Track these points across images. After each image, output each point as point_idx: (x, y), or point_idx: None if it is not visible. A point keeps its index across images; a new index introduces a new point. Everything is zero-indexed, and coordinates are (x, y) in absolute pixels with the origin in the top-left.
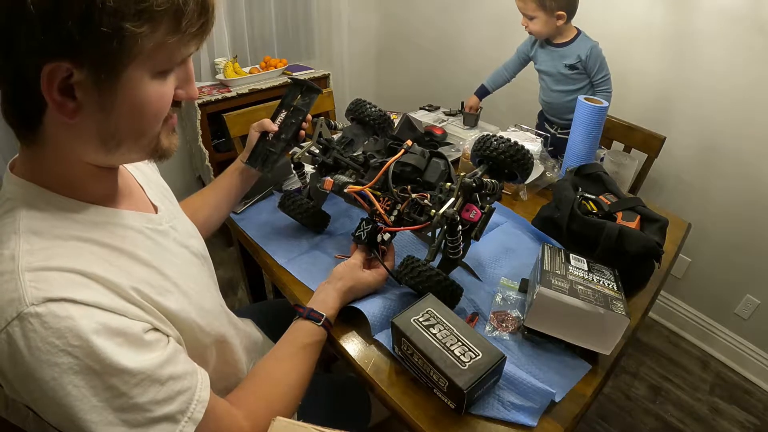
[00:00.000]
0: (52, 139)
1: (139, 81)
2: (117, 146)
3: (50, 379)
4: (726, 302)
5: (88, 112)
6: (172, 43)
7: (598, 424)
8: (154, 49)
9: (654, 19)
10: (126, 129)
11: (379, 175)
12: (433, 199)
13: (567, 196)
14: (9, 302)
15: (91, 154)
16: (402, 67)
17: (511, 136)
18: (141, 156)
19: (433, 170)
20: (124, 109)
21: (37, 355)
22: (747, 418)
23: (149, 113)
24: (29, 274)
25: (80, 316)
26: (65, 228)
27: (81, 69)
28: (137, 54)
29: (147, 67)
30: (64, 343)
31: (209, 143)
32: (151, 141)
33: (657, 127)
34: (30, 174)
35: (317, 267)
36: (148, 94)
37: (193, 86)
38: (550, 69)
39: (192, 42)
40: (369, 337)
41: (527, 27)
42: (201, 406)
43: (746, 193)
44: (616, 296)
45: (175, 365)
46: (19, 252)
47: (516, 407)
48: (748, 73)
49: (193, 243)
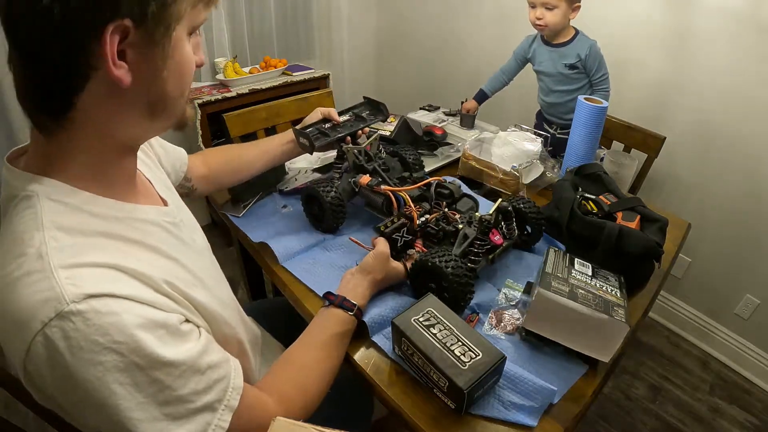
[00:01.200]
0: (85, 121)
1: (182, 40)
2: (163, 109)
3: (94, 380)
4: (726, 302)
5: (140, 75)
6: (203, 4)
7: (598, 424)
8: (191, 9)
9: (654, 18)
10: (172, 89)
11: (421, 184)
12: (463, 217)
13: (567, 196)
14: (44, 302)
15: (131, 127)
16: (402, 67)
17: (511, 136)
18: (172, 123)
19: (464, 203)
20: (173, 68)
21: (79, 355)
22: (747, 418)
23: (189, 72)
24: (63, 271)
25: (123, 311)
26: (88, 224)
27: (139, 28)
28: (182, 13)
29: (185, 27)
30: (108, 340)
31: (209, 143)
32: (183, 105)
33: (657, 126)
34: (46, 168)
35: (318, 267)
36: (189, 53)
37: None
38: (550, 69)
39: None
40: (369, 337)
41: (542, 19)
42: (236, 393)
43: (746, 193)
44: (617, 303)
45: (211, 354)
46: (47, 249)
47: (516, 407)
48: (748, 73)
49: (197, 236)
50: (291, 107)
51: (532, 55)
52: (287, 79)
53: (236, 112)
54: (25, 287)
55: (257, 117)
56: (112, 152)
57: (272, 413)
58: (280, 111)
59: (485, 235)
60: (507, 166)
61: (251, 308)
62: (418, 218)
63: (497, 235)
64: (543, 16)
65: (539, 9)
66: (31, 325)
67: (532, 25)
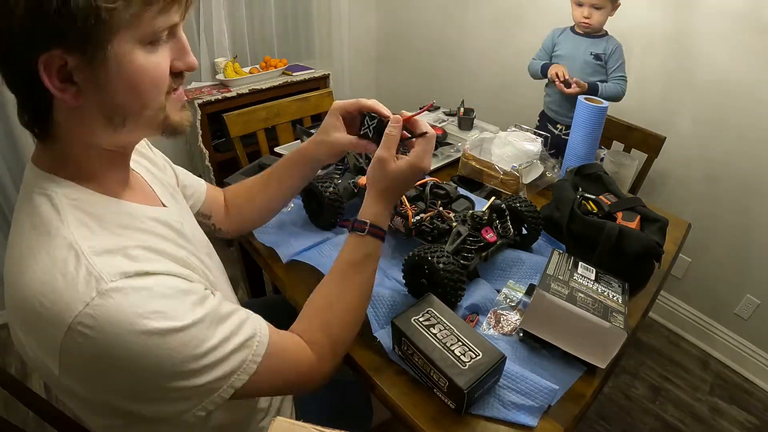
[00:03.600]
0: (64, 130)
1: (128, 53)
2: (122, 122)
3: (138, 347)
4: (726, 302)
5: (89, 93)
6: (150, 12)
7: (598, 424)
8: (132, 20)
9: (654, 19)
10: (127, 102)
11: (418, 184)
12: (457, 216)
13: (567, 196)
14: (86, 284)
15: (101, 136)
16: (402, 67)
17: (511, 136)
18: (150, 131)
19: (460, 203)
20: (120, 82)
21: (123, 327)
22: (747, 418)
23: (145, 83)
24: (96, 257)
25: (155, 285)
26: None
27: (71, 54)
28: (118, 28)
29: (132, 39)
30: (146, 310)
31: (209, 143)
32: (156, 114)
33: (657, 127)
34: (53, 169)
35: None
36: (139, 65)
37: (189, 56)
38: (573, 53)
39: (171, 10)
40: (369, 336)
41: (589, 18)
42: (265, 330)
43: (746, 193)
44: (617, 309)
45: (228, 305)
46: (75, 238)
47: (516, 407)
48: (748, 73)
49: (200, 240)
50: (291, 107)
51: (557, 43)
52: (287, 79)
53: (236, 112)
54: (61, 276)
55: (257, 117)
56: (99, 158)
57: (308, 353)
58: (280, 111)
59: (477, 231)
60: (507, 166)
61: (252, 304)
62: (412, 217)
63: (490, 233)
64: (591, 15)
65: (587, 8)
66: (72, 307)
67: (576, 23)
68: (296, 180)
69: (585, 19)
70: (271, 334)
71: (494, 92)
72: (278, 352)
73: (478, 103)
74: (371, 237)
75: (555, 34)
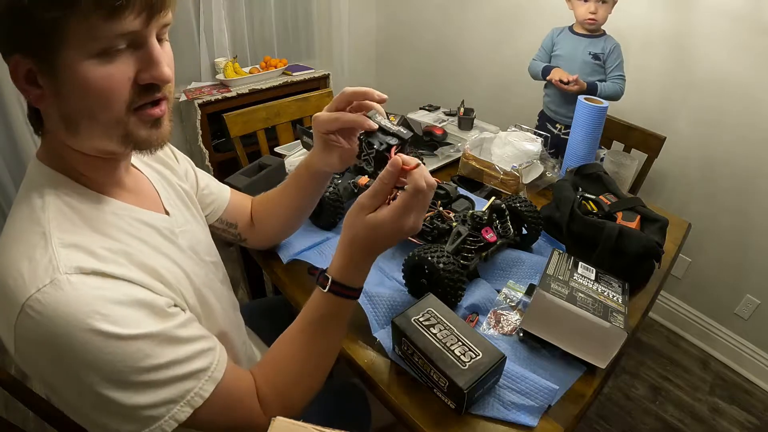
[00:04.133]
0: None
1: (77, 63)
2: (75, 129)
3: (77, 345)
4: (726, 302)
5: (49, 97)
6: (100, 22)
7: (598, 424)
8: (80, 30)
9: (654, 19)
10: (76, 111)
11: None
12: (457, 216)
13: (567, 196)
14: (44, 271)
15: (65, 138)
16: (402, 67)
17: (511, 136)
18: (108, 142)
19: (460, 203)
20: (71, 91)
21: (66, 320)
22: (747, 418)
23: (93, 94)
24: (63, 249)
25: (111, 287)
26: (90, 214)
27: (29, 60)
28: (68, 38)
29: (81, 48)
30: (92, 310)
31: (209, 143)
32: (112, 126)
33: (657, 127)
34: (50, 161)
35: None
36: (88, 75)
37: (158, 68)
38: (572, 53)
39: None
40: (369, 336)
41: (596, 13)
42: (221, 366)
43: (746, 193)
44: (617, 309)
45: (193, 329)
46: (50, 229)
47: (516, 406)
48: (748, 74)
49: (201, 249)
50: (291, 107)
51: (556, 42)
52: (287, 79)
53: (236, 112)
54: (27, 260)
55: (257, 117)
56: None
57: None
58: (280, 111)
59: (477, 231)
60: (507, 166)
61: (252, 306)
62: None
63: (490, 233)
64: (597, 11)
65: (593, 3)
66: (26, 290)
67: (580, 20)
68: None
69: (591, 14)
70: (226, 374)
71: (494, 92)
72: (230, 393)
73: (478, 103)
74: (333, 295)
75: (554, 33)
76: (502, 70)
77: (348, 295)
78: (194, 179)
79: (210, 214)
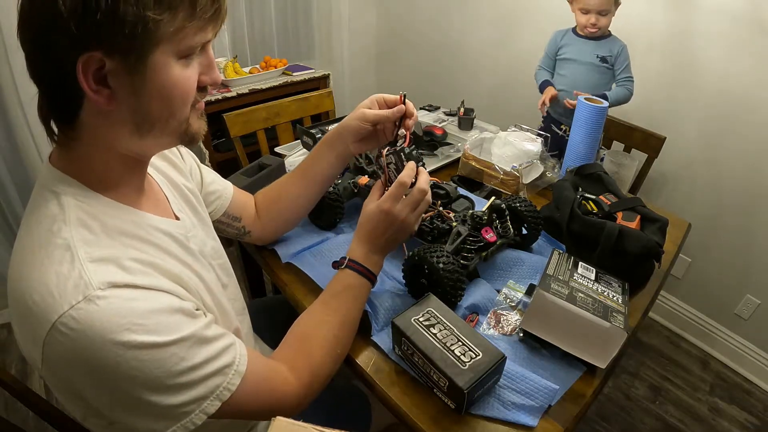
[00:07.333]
0: (89, 131)
1: (165, 65)
2: (150, 129)
3: (115, 356)
4: (726, 302)
5: (122, 98)
6: (190, 28)
7: (598, 424)
8: (174, 34)
9: (654, 18)
10: (157, 111)
11: None
12: (457, 216)
13: (567, 196)
14: (74, 287)
15: (126, 141)
16: (402, 67)
17: (511, 136)
18: (172, 140)
19: (460, 203)
20: (154, 91)
21: (102, 335)
22: (747, 418)
23: (177, 95)
24: (90, 264)
25: (143, 298)
26: (108, 224)
27: (112, 58)
28: (160, 39)
29: (171, 51)
30: (128, 321)
31: (209, 143)
32: (181, 124)
33: (657, 127)
34: (69, 170)
35: (320, 261)
36: (174, 77)
37: (215, 72)
38: (579, 57)
39: (208, 27)
40: (369, 337)
41: (596, 24)
42: (244, 359)
43: (746, 193)
44: (617, 309)
45: (215, 329)
46: (74, 242)
47: (516, 406)
48: (748, 74)
49: (209, 253)
50: (291, 107)
51: (562, 45)
52: (287, 79)
53: (236, 112)
54: (54, 275)
55: (257, 117)
56: (118, 163)
57: (282, 377)
58: (280, 111)
59: (477, 231)
60: (507, 166)
61: (252, 305)
62: None
63: (490, 233)
64: (597, 21)
65: (593, 15)
66: (58, 307)
67: (581, 28)
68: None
69: (592, 26)
70: (249, 364)
71: (494, 92)
72: (255, 382)
73: (478, 103)
74: (349, 270)
75: (557, 37)
76: (503, 69)
77: (363, 272)
78: (199, 176)
79: (216, 209)
